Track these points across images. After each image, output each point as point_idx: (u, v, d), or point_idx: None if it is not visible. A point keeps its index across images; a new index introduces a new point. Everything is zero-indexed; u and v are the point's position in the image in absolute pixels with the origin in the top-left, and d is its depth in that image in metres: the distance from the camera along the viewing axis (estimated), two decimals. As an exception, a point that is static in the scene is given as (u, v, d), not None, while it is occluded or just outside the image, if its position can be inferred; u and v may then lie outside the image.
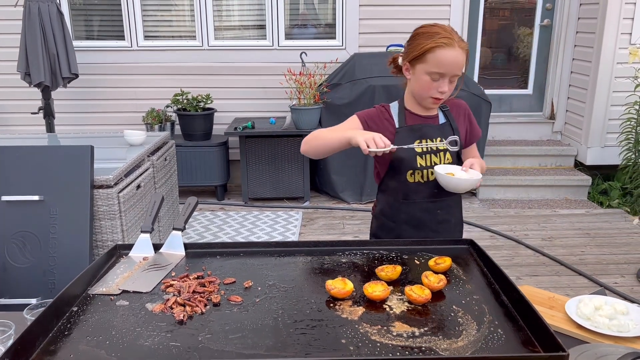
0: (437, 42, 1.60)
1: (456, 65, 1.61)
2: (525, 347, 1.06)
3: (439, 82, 1.64)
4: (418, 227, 1.77)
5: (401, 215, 1.77)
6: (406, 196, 1.76)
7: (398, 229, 1.79)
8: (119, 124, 4.96)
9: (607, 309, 1.44)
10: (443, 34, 1.61)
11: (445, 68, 1.61)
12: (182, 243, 1.52)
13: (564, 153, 5.15)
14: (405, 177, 1.74)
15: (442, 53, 1.59)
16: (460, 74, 1.65)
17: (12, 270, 2.37)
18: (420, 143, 1.72)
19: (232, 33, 5.15)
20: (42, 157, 2.48)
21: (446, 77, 1.63)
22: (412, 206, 1.76)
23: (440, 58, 1.60)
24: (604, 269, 3.51)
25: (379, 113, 1.78)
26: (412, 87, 1.73)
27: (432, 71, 1.62)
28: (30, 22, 4.15)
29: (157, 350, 1.05)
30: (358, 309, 1.21)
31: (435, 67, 1.62)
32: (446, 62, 1.60)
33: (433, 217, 1.78)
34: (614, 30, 4.66)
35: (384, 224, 1.83)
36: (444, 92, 1.65)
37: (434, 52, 1.60)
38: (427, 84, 1.65)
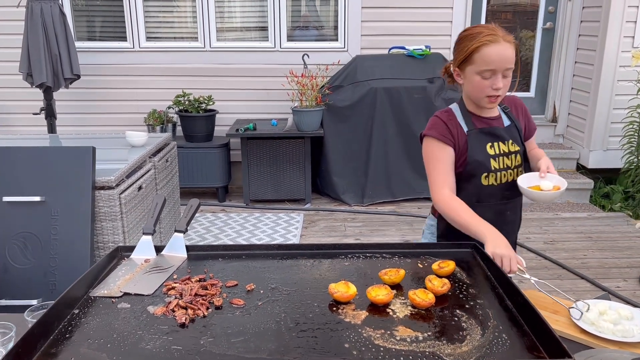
0: (482, 41, 1.62)
1: (505, 59, 1.62)
2: (531, 352, 1.05)
3: (491, 80, 1.64)
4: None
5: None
6: (480, 199, 1.75)
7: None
8: (121, 125, 4.95)
9: (612, 314, 1.43)
10: (486, 32, 1.63)
11: (495, 64, 1.61)
12: (184, 245, 1.52)
13: (566, 156, 5.14)
14: (479, 180, 1.74)
15: (488, 50, 1.61)
16: (512, 67, 1.64)
17: (13, 271, 2.36)
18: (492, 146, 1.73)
19: (234, 34, 5.15)
20: (44, 158, 2.48)
21: (498, 73, 1.63)
22: (486, 208, 1.74)
23: (487, 55, 1.61)
24: (606, 272, 3.50)
25: (447, 121, 1.75)
26: (467, 90, 1.73)
27: (482, 69, 1.63)
28: (32, 22, 4.15)
29: (159, 354, 1.05)
30: (361, 312, 1.20)
31: (484, 65, 1.62)
32: (494, 58, 1.61)
33: (503, 219, 1.79)
34: (617, 33, 4.65)
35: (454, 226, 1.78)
36: (499, 89, 1.65)
37: (479, 51, 1.62)
38: (480, 84, 1.66)
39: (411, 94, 4.53)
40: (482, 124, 1.75)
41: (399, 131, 4.59)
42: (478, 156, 1.70)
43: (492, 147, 1.73)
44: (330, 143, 4.66)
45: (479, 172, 1.72)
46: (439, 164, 1.72)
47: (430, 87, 4.55)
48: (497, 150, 1.74)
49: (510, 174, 1.77)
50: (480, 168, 1.72)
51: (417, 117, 4.55)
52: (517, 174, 1.77)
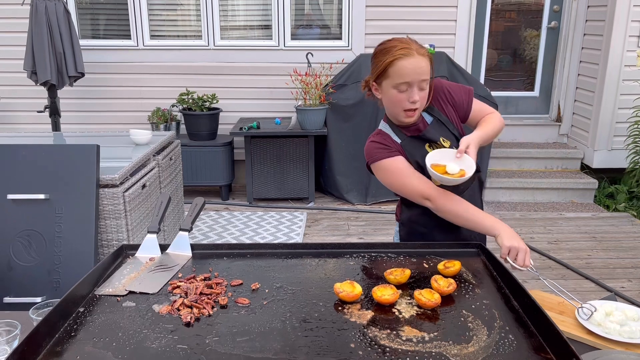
0: (395, 55, 1.59)
1: (419, 71, 1.59)
2: (537, 353, 1.05)
3: (407, 93, 1.62)
4: (450, 228, 1.72)
5: (433, 220, 1.73)
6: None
7: (429, 234, 1.75)
8: (125, 123, 4.96)
9: (618, 315, 1.42)
10: (400, 46, 1.61)
11: (410, 77, 1.59)
12: (189, 244, 1.51)
13: (571, 156, 5.12)
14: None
15: (402, 64, 1.59)
16: (427, 79, 1.62)
17: (17, 268, 2.36)
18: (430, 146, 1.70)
19: (238, 33, 5.14)
20: (48, 156, 2.48)
21: (413, 85, 1.61)
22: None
23: (401, 69, 1.59)
24: (610, 273, 3.49)
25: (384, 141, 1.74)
26: (385, 105, 1.72)
27: (398, 82, 1.61)
28: (37, 20, 4.15)
29: (164, 353, 1.04)
30: (367, 312, 1.20)
31: (399, 79, 1.60)
32: (408, 71, 1.59)
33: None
34: (622, 32, 4.63)
35: (415, 230, 1.79)
36: (416, 101, 1.63)
37: (394, 65, 1.60)
38: (396, 97, 1.64)
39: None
40: (410, 132, 1.72)
41: (402, 130, 4.58)
42: (420, 159, 1.67)
43: (431, 146, 1.70)
44: (333, 142, 4.65)
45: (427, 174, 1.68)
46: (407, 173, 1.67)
47: (435, 86, 4.54)
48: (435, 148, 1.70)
49: None
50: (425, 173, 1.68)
51: (421, 116, 4.54)
52: None
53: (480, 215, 1.63)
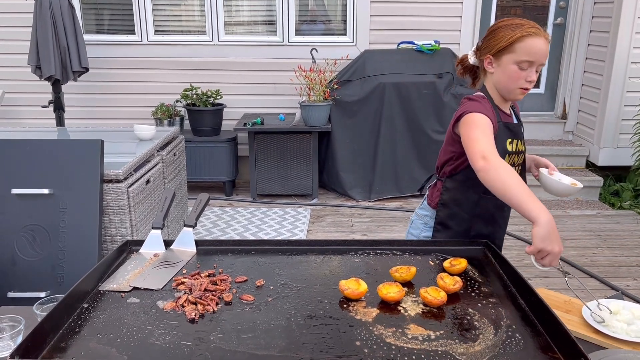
0: (526, 31, 1.61)
1: (544, 53, 1.62)
2: (545, 353, 1.04)
3: (527, 72, 1.63)
4: (488, 221, 1.77)
5: (477, 209, 1.75)
6: (487, 191, 1.66)
7: (470, 221, 1.76)
8: (129, 118, 4.95)
9: (625, 314, 1.41)
10: (530, 24, 1.63)
11: (536, 56, 1.61)
12: (194, 240, 1.51)
13: (576, 153, 5.10)
14: None
15: (532, 41, 1.61)
16: (544, 63, 1.65)
17: (21, 263, 2.36)
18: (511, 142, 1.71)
19: (242, 28, 5.13)
20: (53, 151, 2.47)
21: (534, 65, 1.63)
22: (490, 201, 1.72)
23: (530, 46, 1.61)
24: (615, 271, 3.47)
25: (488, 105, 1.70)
26: (498, 79, 1.69)
27: (522, 60, 1.61)
28: (41, 15, 4.15)
29: (169, 350, 1.04)
30: (372, 310, 1.19)
31: (525, 56, 1.61)
32: (536, 50, 1.61)
33: (501, 213, 1.78)
34: (629, 29, 4.60)
35: (456, 215, 1.78)
36: (532, 81, 1.65)
37: (523, 40, 1.61)
38: (515, 74, 1.64)
39: (420, 89, 4.50)
40: (505, 118, 1.73)
41: (407, 127, 4.57)
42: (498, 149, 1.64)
43: (511, 143, 1.72)
44: (337, 138, 4.64)
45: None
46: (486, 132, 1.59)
47: (439, 82, 4.52)
48: (514, 147, 1.72)
49: None
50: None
51: (426, 112, 4.53)
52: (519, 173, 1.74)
53: (528, 196, 1.44)
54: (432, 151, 4.60)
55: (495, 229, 1.80)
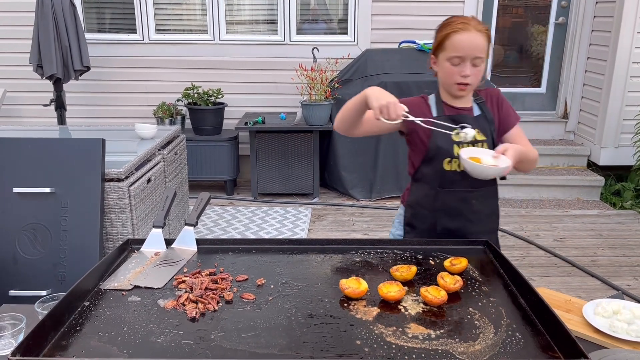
0: (453, 28, 1.65)
1: (473, 46, 1.63)
2: (545, 352, 1.04)
3: (460, 67, 1.66)
4: (453, 216, 1.76)
5: (437, 203, 1.76)
6: (443, 184, 1.75)
7: (433, 217, 1.77)
8: (130, 117, 4.96)
9: (626, 314, 1.41)
10: (459, 20, 1.66)
11: (464, 51, 1.63)
12: (194, 239, 1.51)
13: (577, 153, 5.09)
14: (442, 165, 1.73)
15: (459, 37, 1.64)
16: (481, 56, 1.65)
17: (22, 261, 2.37)
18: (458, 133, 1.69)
19: (244, 27, 5.13)
20: (54, 150, 2.48)
21: (466, 60, 1.64)
22: (449, 194, 1.74)
23: (457, 42, 1.64)
24: (616, 271, 3.47)
25: (418, 101, 1.79)
26: (440, 77, 1.75)
27: (452, 56, 1.65)
28: (43, 14, 4.15)
29: (169, 348, 1.04)
30: (373, 309, 1.19)
31: (453, 51, 1.65)
32: (463, 45, 1.63)
33: (468, 207, 1.77)
34: (630, 28, 4.59)
35: (418, 213, 1.81)
36: (467, 76, 1.66)
37: (450, 37, 1.65)
38: (450, 71, 1.68)
39: (421, 88, 4.49)
40: (451, 112, 1.76)
41: (408, 126, 4.56)
42: (440, 141, 1.70)
43: (458, 134, 1.69)
44: (339, 137, 4.64)
45: (441, 157, 1.72)
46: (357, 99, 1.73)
47: (441, 81, 4.52)
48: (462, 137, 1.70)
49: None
50: (442, 153, 1.72)
51: (427, 112, 4.52)
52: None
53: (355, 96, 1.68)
54: (433, 150, 4.60)
55: (464, 223, 1.76)
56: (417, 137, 1.75)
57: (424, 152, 1.75)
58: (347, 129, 1.76)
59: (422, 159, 1.76)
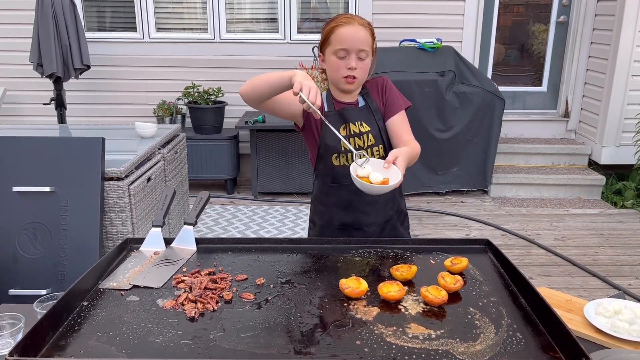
0: (337, 22, 1.70)
1: (357, 39, 1.67)
2: (546, 352, 1.03)
3: (346, 60, 1.69)
4: (347, 208, 1.80)
5: (331, 198, 1.81)
6: (334, 179, 1.79)
7: (329, 212, 1.82)
8: (130, 116, 4.95)
9: (627, 313, 1.40)
10: (343, 16, 1.71)
11: (348, 43, 1.67)
12: (194, 238, 1.50)
13: (578, 152, 5.08)
14: (331, 161, 1.76)
15: (343, 30, 1.68)
16: (365, 49, 1.68)
17: (22, 260, 2.37)
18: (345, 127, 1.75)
19: (244, 26, 5.12)
20: (54, 149, 2.47)
21: (351, 53, 1.67)
22: (341, 189, 1.78)
23: (341, 35, 1.68)
24: (617, 270, 3.46)
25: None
26: (328, 73, 1.79)
27: (337, 49, 1.69)
28: (43, 12, 4.14)
29: (168, 348, 1.04)
30: (372, 309, 1.19)
31: (338, 44, 1.68)
32: (346, 38, 1.67)
33: (361, 199, 1.76)
34: (632, 27, 4.57)
35: (316, 208, 1.87)
36: (353, 68, 1.68)
37: (334, 31, 1.69)
38: (336, 64, 1.71)
39: (422, 87, 4.49)
40: (339, 106, 1.79)
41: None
42: (327, 139, 1.74)
43: (345, 128, 1.76)
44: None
45: (330, 153, 1.76)
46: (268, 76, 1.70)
47: (442, 80, 4.51)
48: (348, 131, 1.75)
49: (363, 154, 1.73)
50: (330, 149, 1.75)
51: (428, 110, 4.52)
52: (372, 154, 1.74)
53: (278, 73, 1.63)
54: (434, 149, 4.59)
55: (359, 216, 1.78)
56: (310, 133, 1.80)
57: (316, 149, 1.79)
58: (254, 98, 1.71)
59: (316, 155, 1.80)
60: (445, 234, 3.97)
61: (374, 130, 1.77)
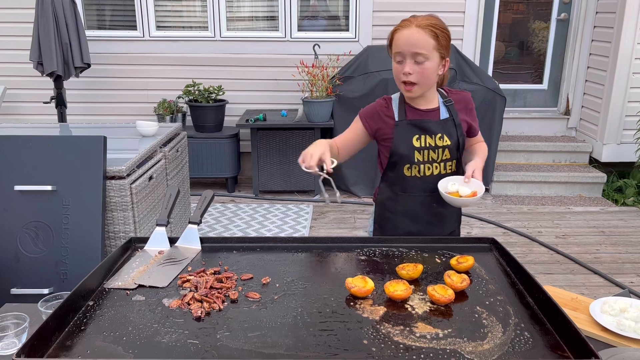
0: (397, 27, 1.67)
1: (411, 42, 1.62)
2: (554, 351, 1.03)
3: (402, 65, 1.65)
4: (414, 219, 1.79)
5: (399, 207, 1.80)
6: (404, 189, 1.78)
7: (395, 219, 1.82)
8: (131, 114, 4.94)
9: (633, 312, 1.40)
10: (405, 20, 1.67)
11: (401, 47, 1.63)
12: (198, 237, 1.50)
13: (579, 149, 5.08)
14: (402, 171, 1.75)
15: (399, 35, 1.65)
16: (421, 52, 1.62)
17: (24, 259, 2.36)
18: (419, 139, 1.72)
19: (244, 24, 5.11)
20: (55, 147, 2.46)
21: (406, 57, 1.63)
22: (410, 199, 1.77)
23: (397, 39, 1.65)
24: (619, 268, 3.46)
25: (380, 107, 1.79)
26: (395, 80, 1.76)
27: (394, 52, 1.67)
28: (43, 11, 4.13)
29: (175, 348, 1.03)
30: (379, 308, 1.18)
31: (395, 49, 1.66)
32: (401, 42, 1.63)
33: (428, 210, 1.78)
34: (633, 25, 4.57)
35: (384, 214, 1.85)
36: (408, 74, 1.64)
37: (394, 36, 1.66)
38: (395, 70, 1.69)
39: (423, 85, 4.48)
40: (414, 115, 1.74)
41: (410, 123, 4.55)
42: (401, 148, 1.72)
43: (419, 139, 1.72)
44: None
45: (402, 163, 1.74)
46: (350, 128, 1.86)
47: (442, 78, 4.50)
48: (423, 143, 1.72)
49: (435, 167, 1.75)
50: (403, 159, 1.73)
51: (429, 108, 4.51)
52: (445, 168, 1.76)
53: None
54: (435, 147, 4.58)
55: (425, 226, 1.78)
56: (382, 142, 1.78)
57: (387, 156, 1.77)
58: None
59: (387, 162, 1.78)
60: (446, 232, 3.97)
61: (453, 145, 1.74)
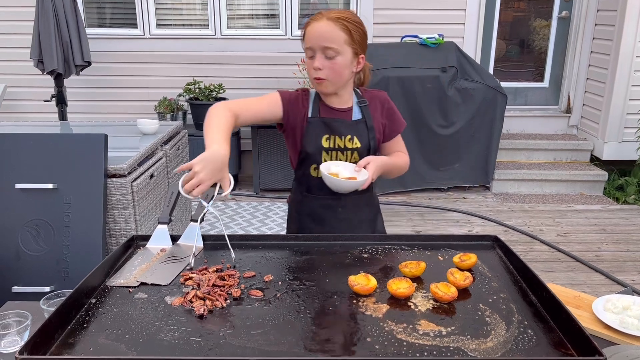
0: (308, 21, 1.57)
1: (319, 35, 1.53)
2: (558, 349, 1.02)
3: (313, 60, 1.56)
4: (318, 222, 1.71)
5: (304, 207, 1.74)
6: (309, 189, 1.71)
7: (300, 221, 1.76)
8: (131, 112, 4.94)
9: (636, 309, 1.40)
10: (317, 13, 1.58)
11: (312, 41, 1.55)
12: (200, 235, 1.50)
13: (580, 147, 5.08)
14: (309, 171, 1.69)
15: (309, 28, 1.56)
16: (331, 46, 1.53)
17: (25, 257, 2.36)
18: (328, 139, 1.64)
19: (245, 22, 5.10)
20: (56, 146, 2.46)
21: (315, 51, 1.55)
22: (314, 200, 1.71)
23: (307, 33, 1.57)
24: (620, 266, 3.46)
25: (298, 98, 1.68)
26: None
27: (306, 47, 1.58)
28: (43, 9, 4.12)
29: (178, 346, 1.03)
30: (382, 306, 1.18)
31: (306, 43, 1.57)
32: (311, 35, 1.55)
33: (333, 215, 1.70)
34: (634, 23, 4.56)
35: (292, 214, 1.80)
36: (317, 69, 1.55)
37: (305, 30, 1.58)
38: (307, 65, 1.61)
39: (424, 83, 4.48)
40: (327, 113, 1.65)
41: (410, 121, 4.54)
42: (309, 147, 1.64)
43: (329, 139, 1.64)
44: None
45: (309, 163, 1.67)
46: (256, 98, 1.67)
47: (443, 76, 4.49)
48: (332, 143, 1.64)
49: None
50: (310, 159, 1.66)
51: (430, 106, 4.50)
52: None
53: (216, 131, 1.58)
54: (436, 145, 4.58)
55: (327, 230, 1.68)
56: (291, 136, 1.68)
57: (297, 153, 1.69)
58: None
59: (297, 160, 1.71)
60: (447, 230, 3.97)
61: (363, 148, 1.65)
